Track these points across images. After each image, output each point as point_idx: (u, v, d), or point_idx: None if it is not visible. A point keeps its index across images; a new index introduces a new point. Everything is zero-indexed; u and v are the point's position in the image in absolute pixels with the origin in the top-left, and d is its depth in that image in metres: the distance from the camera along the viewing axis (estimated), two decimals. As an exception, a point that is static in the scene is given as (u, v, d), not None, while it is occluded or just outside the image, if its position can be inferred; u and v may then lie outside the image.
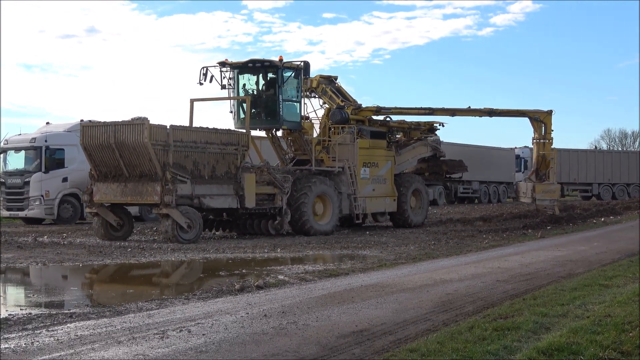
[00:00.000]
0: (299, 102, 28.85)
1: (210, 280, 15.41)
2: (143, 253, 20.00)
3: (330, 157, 29.14)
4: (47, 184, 32.57)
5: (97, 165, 23.96)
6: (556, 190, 32.89)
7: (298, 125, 28.86)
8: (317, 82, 31.66)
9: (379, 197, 30.54)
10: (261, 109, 28.04)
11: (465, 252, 20.72)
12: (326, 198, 27.78)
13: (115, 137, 22.96)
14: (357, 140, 29.66)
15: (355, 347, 8.85)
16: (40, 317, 10.56)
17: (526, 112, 32.84)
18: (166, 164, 22.92)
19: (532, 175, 33.02)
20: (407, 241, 24.28)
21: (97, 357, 8.20)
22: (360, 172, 29.59)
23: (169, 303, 11.97)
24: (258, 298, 12.36)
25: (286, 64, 27.56)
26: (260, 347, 8.77)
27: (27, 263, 17.72)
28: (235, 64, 27.71)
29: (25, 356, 8.24)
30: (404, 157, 32.45)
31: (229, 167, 24.88)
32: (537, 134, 32.47)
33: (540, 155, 32.35)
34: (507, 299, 12.29)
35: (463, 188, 57.60)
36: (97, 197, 24.20)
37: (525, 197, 33.54)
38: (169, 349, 8.62)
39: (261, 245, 22.43)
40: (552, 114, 32.42)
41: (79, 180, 32.82)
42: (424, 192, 32.82)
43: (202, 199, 23.98)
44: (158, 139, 22.79)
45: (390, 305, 11.61)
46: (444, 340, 8.98)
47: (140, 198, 23.49)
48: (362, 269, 16.60)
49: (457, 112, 32.77)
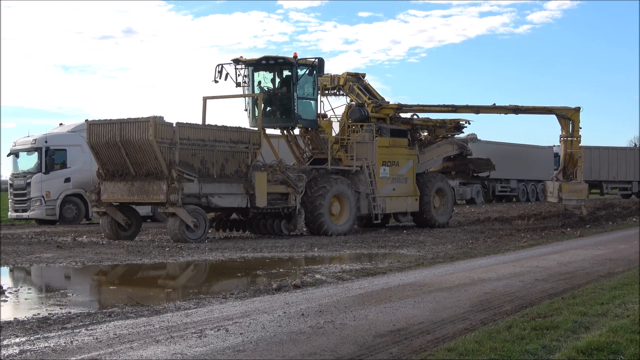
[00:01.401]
0: (315, 99, 28.35)
1: (248, 279, 15.44)
2: (181, 252, 20.09)
3: (348, 156, 28.73)
4: (48, 185, 32.75)
5: (104, 163, 23.90)
6: (583, 190, 32.12)
7: (314, 124, 28.32)
8: (344, 80, 31.28)
9: (400, 197, 30.01)
10: (276, 106, 27.72)
11: (503, 251, 20.61)
12: (343, 198, 27.33)
13: (121, 135, 22.84)
14: (376, 139, 29.13)
15: (393, 346, 8.83)
16: (79, 316, 10.64)
17: (553, 109, 32.18)
18: (172, 162, 22.71)
19: (559, 174, 32.41)
20: (444, 240, 24.20)
21: (136, 356, 8.24)
22: (380, 171, 29.07)
23: (207, 302, 12.01)
24: (295, 297, 12.37)
25: (300, 61, 27.10)
26: (298, 346, 8.77)
27: (66, 263, 17.85)
28: (249, 61, 27.27)
29: (64, 355, 8.30)
30: (428, 155, 31.89)
31: (239, 166, 24.61)
32: (564, 131, 31.84)
33: (568, 153, 31.75)
34: (546, 298, 12.20)
35: (501, 187, 57.31)
36: (104, 197, 24.08)
37: (552, 197, 32.86)
38: (207, 348, 8.64)
39: (298, 245, 22.46)
40: (579, 111, 31.79)
41: (82, 181, 33.08)
42: (448, 192, 32.27)
43: (210, 198, 23.68)
44: (164, 136, 22.60)
45: (428, 305, 11.57)
46: (482, 339, 8.93)
47: (146, 197, 23.31)
48: (400, 268, 16.56)
49: (481, 110, 32.10)
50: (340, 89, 31.51)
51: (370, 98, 30.86)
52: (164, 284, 15.67)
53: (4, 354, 8.34)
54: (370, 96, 31.04)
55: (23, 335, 9.31)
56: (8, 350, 8.51)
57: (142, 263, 18.12)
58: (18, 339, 9.13)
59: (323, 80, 31.11)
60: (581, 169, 32.28)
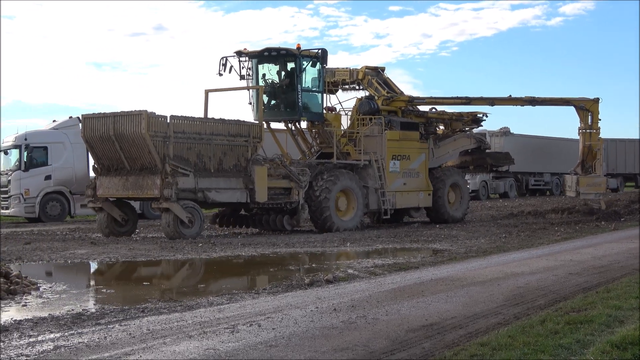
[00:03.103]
0: (321, 92, 27.60)
1: (280, 274, 15.46)
2: (214, 248, 20.14)
3: (357, 150, 27.79)
4: (27, 182, 32.22)
5: (100, 158, 23.56)
6: (602, 184, 31.27)
7: (320, 117, 27.59)
8: (363, 74, 30.62)
9: (411, 192, 29.16)
10: (280, 99, 27.13)
11: (536, 245, 20.49)
12: (350, 193, 26.55)
13: (115, 129, 22.49)
14: (385, 132, 28.34)
15: (425, 341, 8.81)
16: (113, 312, 10.71)
17: (571, 100, 31.26)
18: (166, 156, 22.27)
19: (578, 167, 31.50)
20: (477, 234, 24.10)
21: (169, 352, 8.28)
22: (389, 165, 28.26)
23: (239, 297, 12.04)
24: (327, 292, 12.37)
25: (304, 52, 26.47)
26: (330, 341, 8.77)
27: (101, 258, 17.98)
28: (251, 53, 26.70)
29: (98, 351, 8.36)
30: (443, 149, 31.16)
31: (239, 160, 24.06)
32: (583, 123, 30.93)
33: (586, 146, 30.88)
34: (580, 292, 12.12)
35: (534, 180, 56.90)
36: (100, 192, 23.73)
37: (570, 191, 31.87)
38: (240, 343, 8.67)
39: (331, 240, 22.45)
40: (599, 102, 30.85)
41: (64, 178, 32.67)
42: (463, 186, 31.42)
43: (207, 193, 23.13)
44: (157, 130, 22.17)
45: (460, 299, 11.53)
46: (515, 334, 8.89)
47: (141, 192, 22.89)
48: (432, 262, 16.52)
49: (496, 101, 31.17)
50: (360, 83, 30.88)
51: (389, 92, 30.21)
52: (196, 280, 15.73)
53: (38, 350, 8.42)
54: (389, 90, 30.37)
55: (57, 331, 9.39)
56: (42, 346, 8.58)
57: (175, 259, 18.19)
58: (52, 334, 9.20)
59: (342, 75, 30.75)
60: (600, 162, 31.46)
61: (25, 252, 19.07)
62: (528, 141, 54.13)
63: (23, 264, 17.12)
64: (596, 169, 31.20)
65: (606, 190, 32.75)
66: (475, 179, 48.26)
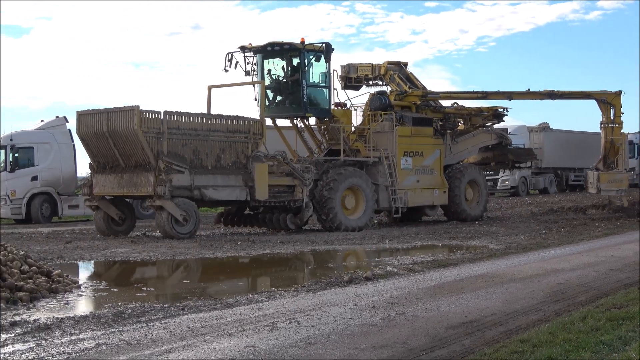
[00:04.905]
0: (328, 87, 26.76)
1: (319, 271, 15.48)
2: (253, 246, 20.20)
3: (367, 147, 26.86)
4: (13, 184, 31.56)
5: (95, 155, 23.20)
6: (623, 180, 30.07)
7: (327, 113, 26.81)
8: (385, 69, 29.85)
9: (425, 189, 28.20)
10: (285, 95, 26.48)
11: (577, 241, 20.34)
12: (358, 191, 25.68)
13: (108, 125, 22.15)
14: (396, 128, 27.54)
15: (465, 338, 8.78)
16: (153, 310, 10.77)
17: (592, 93, 30.34)
18: (160, 153, 21.83)
19: (600, 163, 30.53)
20: (517, 230, 23.96)
21: (209, 349, 8.32)
22: (401, 162, 27.34)
23: (279, 295, 12.07)
24: (366, 289, 12.36)
25: (308, 47, 25.71)
26: (369, 338, 8.77)
27: (141, 257, 18.10)
28: (255, 48, 26.03)
29: (139, 348, 8.41)
30: (461, 145, 30.33)
31: (238, 157, 23.46)
32: (605, 117, 29.97)
33: (608, 140, 29.96)
34: (621, 288, 12.02)
35: (574, 176, 56.37)
36: (96, 190, 23.31)
37: (591, 187, 31.07)
38: (279, 340, 8.69)
39: (369, 237, 22.43)
40: (621, 95, 29.89)
41: (51, 179, 32.12)
42: (482, 183, 30.32)
43: (203, 191, 22.63)
44: (150, 126, 21.78)
45: (500, 296, 11.47)
46: (556, 330, 8.83)
47: (135, 189, 22.37)
48: (472, 259, 16.46)
49: (514, 95, 30.29)
50: (382, 79, 30.13)
51: (411, 87, 29.42)
52: (236, 277, 15.79)
53: (80, 348, 8.49)
54: (410, 85, 29.59)
55: (99, 329, 9.46)
56: (84, 344, 8.65)
57: (215, 257, 18.27)
58: (94, 332, 9.28)
59: (365, 70, 30.14)
60: (622, 157, 30.58)
61: (66, 251, 19.24)
62: (568, 136, 53.64)
63: (64, 262, 17.27)
64: (618, 165, 30.32)
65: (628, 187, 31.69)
66: (514, 175, 47.85)
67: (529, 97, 31.33)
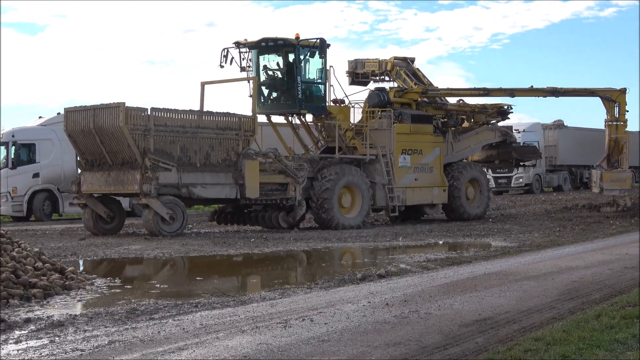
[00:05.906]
0: (324, 83, 26.32)
1: (332, 269, 15.47)
2: (266, 243, 20.20)
3: (364, 144, 26.41)
4: (14, 180, 31.25)
5: (83, 153, 23.07)
6: (627, 179, 29.37)
7: (322, 110, 26.43)
8: (391, 65, 29.60)
9: (424, 188, 27.66)
10: (280, 91, 26.13)
11: (591, 238, 20.28)
12: (355, 189, 25.34)
13: (94, 122, 21.98)
14: (394, 125, 26.98)
15: (479, 335, 8.75)
16: (166, 307, 10.78)
17: (596, 90, 29.78)
18: (146, 150, 21.62)
19: (603, 161, 29.92)
20: (531, 228, 23.89)
21: (222, 346, 8.32)
22: (399, 160, 26.83)
23: (292, 292, 12.06)
24: (380, 287, 12.34)
25: (302, 42, 25.36)
26: (382, 336, 8.75)
27: (154, 254, 18.12)
28: (249, 44, 25.74)
29: (152, 345, 8.42)
30: (464, 143, 29.74)
31: (228, 154, 23.17)
32: (609, 115, 29.33)
33: (613, 139, 29.34)
34: (636, 286, 11.94)
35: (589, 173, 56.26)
36: (84, 187, 23.07)
37: (595, 187, 30.54)
38: (292, 337, 8.68)
39: (382, 234, 22.41)
40: (626, 92, 29.26)
41: (52, 176, 31.79)
42: (483, 182, 29.74)
43: (191, 189, 22.34)
44: (137, 122, 21.55)
45: (514, 294, 11.43)
46: (570, 328, 8.79)
47: (122, 187, 22.18)
48: (485, 256, 16.41)
49: (516, 92, 29.74)
50: (389, 74, 29.89)
51: (417, 83, 29.18)
52: (249, 274, 15.80)
53: (93, 344, 8.50)
54: (417, 81, 29.36)
55: (112, 326, 9.48)
56: (97, 340, 8.67)
57: (228, 254, 18.28)
58: (107, 329, 9.29)
59: (371, 66, 29.92)
60: (626, 156, 29.98)
61: (80, 248, 19.28)
62: (582, 134, 53.51)
63: (78, 259, 17.32)
64: (623, 164, 29.76)
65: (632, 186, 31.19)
66: (529, 173, 47.68)
67: (531, 95, 30.93)
